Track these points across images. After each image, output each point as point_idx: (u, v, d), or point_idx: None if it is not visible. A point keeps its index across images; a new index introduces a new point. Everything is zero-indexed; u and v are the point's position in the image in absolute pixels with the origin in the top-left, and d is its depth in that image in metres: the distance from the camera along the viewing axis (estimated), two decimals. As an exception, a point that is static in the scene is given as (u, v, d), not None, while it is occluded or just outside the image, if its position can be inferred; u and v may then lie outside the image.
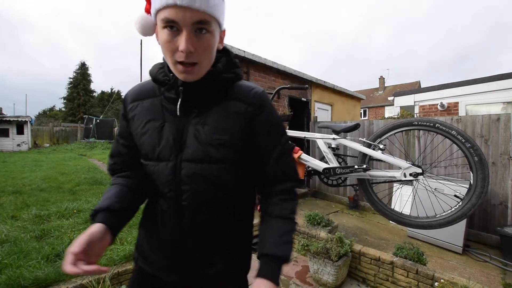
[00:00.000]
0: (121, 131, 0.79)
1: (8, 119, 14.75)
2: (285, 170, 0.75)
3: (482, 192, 1.36)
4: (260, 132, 0.71)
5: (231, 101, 0.70)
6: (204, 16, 0.58)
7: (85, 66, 32.82)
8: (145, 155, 0.72)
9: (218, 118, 0.69)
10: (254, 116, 0.70)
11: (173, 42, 0.59)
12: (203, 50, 0.61)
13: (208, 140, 0.67)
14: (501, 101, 5.01)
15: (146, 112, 0.72)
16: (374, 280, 2.30)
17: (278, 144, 0.74)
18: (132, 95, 0.76)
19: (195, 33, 0.59)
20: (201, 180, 0.68)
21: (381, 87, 24.63)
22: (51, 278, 1.82)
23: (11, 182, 5.43)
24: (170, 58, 0.61)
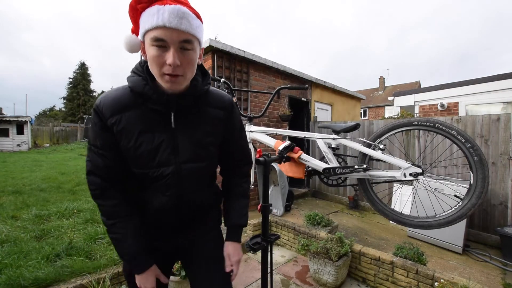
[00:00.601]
0: (104, 144, 0.77)
1: (8, 119, 14.75)
2: (246, 157, 1.02)
3: (482, 192, 1.36)
4: (232, 130, 0.94)
5: (210, 108, 0.87)
6: (188, 36, 0.69)
7: (84, 66, 32.81)
8: (143, 165, 0.79)
9: (203, 124, 0.85)
10: (228, 118, 0.91)
11: (161, 57, 0.68)
12: (187, 64, 0.72)
13: (199, 143, 0.84)
14: (501, 101, 5.01)
15: (134, 125, 0.76)
16: (374, 280, 2.30)
17: (241, 138, 0.99)
18: (110, 107, 0.75)
19: (180, 50, 0.69)
20: (198, 174, 0.87)
21: (381, 87, 24.63)
22: (51, 278, 1.81)
23: (11, 182, 5.43)
24: (158, 71, 0.70)
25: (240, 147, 0.99)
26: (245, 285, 2.27)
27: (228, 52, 3.91)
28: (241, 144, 1.00)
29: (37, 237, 2.62)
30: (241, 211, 0.98)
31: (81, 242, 2.45)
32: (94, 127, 0.77)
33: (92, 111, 0.77)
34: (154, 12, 0.66)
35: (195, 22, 0.70)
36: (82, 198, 4.27)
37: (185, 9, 0.68)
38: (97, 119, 0.76)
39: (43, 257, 2.11)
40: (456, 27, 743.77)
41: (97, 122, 0.76)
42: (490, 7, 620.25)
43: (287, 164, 1.76)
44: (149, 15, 0.67)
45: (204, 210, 0.97)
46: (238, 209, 0.98)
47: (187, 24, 0.68)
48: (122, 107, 0.76)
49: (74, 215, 3.34)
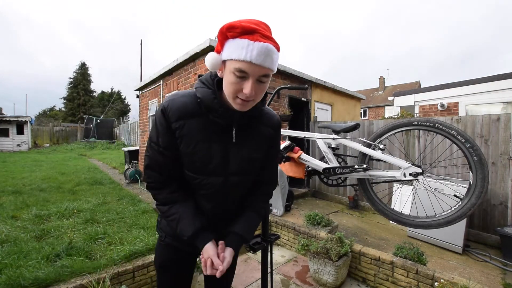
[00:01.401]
0: (166, 143, 0.83)
1: (8, 119, 14.75)
2: (274, 177, 1.07)
3: (481, 192, 1.36)
4: (273, 148, 1.00)
5: (263, 126, 0.94)
6: (268, 71, 0.74)
7: (85, 66, 32.83)
8: (196, 170, 0.86)
9: (254, 140, 0.92)
10: (274, 137, 0.98)
11: (239, 85, 0.74)
12: (259, 93, 0.78)
13: (248, 158, 0.91)
14: (501, 101, 5.01)
15: (195, 132, 0.83)
16: (374, 280, 2.30)
17: (276, 158, 1.05)
18: (177, 112, 0.81)
19: (257, 82, 0.75)
20: (241, 187, 0.94)
21: (381, 87, 24.62)
22: (51, 278, 1.81)
23: (11, 182, 5.43)
24: (232, 94, 0.76)
25: (272, 167, 1.05)
26: (245, 285, 2.27)
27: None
28: (274, 164, 1.05)
29: (37, 237, 2.62)
30: (249, 226, 0.97)
31: (81, 242, 2.45)
32: (159, 127, 0.83)
33: (159, 112, 0.82)
34: (244, 45, 0.69)
35: (275, 57, 0.75)
36: (82, 198, 4.27)
37: (271, 47, 0.71)
38: (163, 121, 0.82)
39: (43, 257, 2.11)
40: (460, 27, 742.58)
41: (163, 123, 0.82)
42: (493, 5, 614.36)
43: (287, 164, 1.76)
44: (238, 47, 0.70)
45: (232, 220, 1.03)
46: (247, 223, 0.97)
47: (270, 61, 0.72)
48: (188, 114, 0.82)
49: (74, 215, 3.34)
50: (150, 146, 0.86)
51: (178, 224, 0.86)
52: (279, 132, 1.01)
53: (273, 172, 1.05)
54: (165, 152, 0.84)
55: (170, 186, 0.88)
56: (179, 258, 1.03)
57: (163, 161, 0.85)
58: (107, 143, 17.05)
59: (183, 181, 0.90)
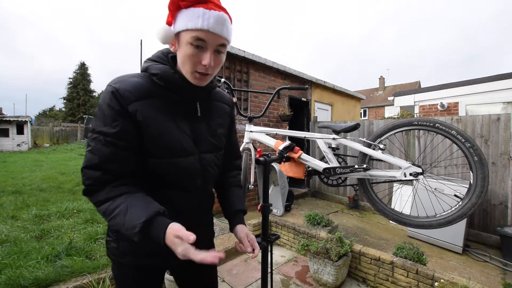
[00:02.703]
0: (118, 131, 0.67)
1: (8, 119, 14.75)
2: (238, 151, 1.10)
3: (482, 191, 1.36)
4: (232, 124, 1.02)
5: (218, 102, 0.94)
6: (224, 41, 0.73)
7: (84, 66, 32.82)
8: (167, 154, 0.75)
9: (216, 117, 0.91)
10: (231, 113, 1.00)
11: (197, 56, 0.71)
12: (217, 65, 0.76)
13: (215, 134, 0.89)
14: (501, 101, 5.01)
15: (159, 113, 0.74)
16: (374, 280, 2.30)
17: (235, 132, 1.07)
18: (131, 92, 0.70)
19: (215, 53, 0.73)
20: (214, 165, 0.89)
21: (381, 87, 24.63)
22: (51, 278, 1.81)
23: (11, 182, 5.43)
24: (190, 67, 0.73)
25: (234, 142, 1.07)
26: (245, 285, 2.27)
27: (228, 52, 3.89)
28: (235, 138, 1.07)
29: (37, 237, 2.62)
30: (240, 199, 1.03)
31: (81, 242, 2.45)
32: (109, 112, 0.67)
33: (109, 94, 0.68)
34: (199, 14, 0.68)
35: (230, 27, 0.75)
36: (82, 198, 4.26)
37: (226, 16, 0.72)
38: (115, 103, 0.67)
39: (43, 257, 2.11)
40: (463, 25, 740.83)
41: (114, 107, 0.67)
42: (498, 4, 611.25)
43: (287, 164, 1.76)
44: (194, 16, 0.68)
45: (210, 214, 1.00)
46: (238, 197, 1.02)
47: (226, 31, 0.72)
48: (145, 94, 0.72)
49: (74, 215, 3.34)
50: (93, 139, 0.68)
51: (125, 217, 0.63)
52: (233, 108, 1.02)
53: (236, 146, 1.08)
54: (115, 141, 0.67)
55: (115, 182, 0.69)
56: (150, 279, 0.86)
57: (111, 154, 0.67)
58: (107, 143, 17.03)
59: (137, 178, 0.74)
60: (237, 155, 1.10)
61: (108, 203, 0.67)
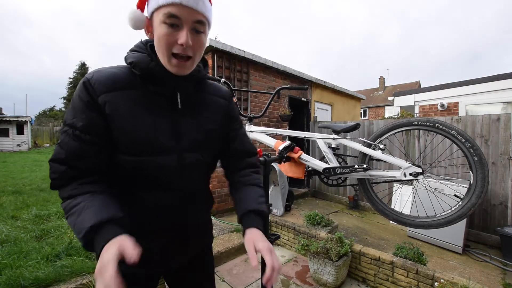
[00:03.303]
0: (86, 124, 0.63)
1: (8, 119, 14.76)
2: (250, 147, 0.93)
3: (482, 191, 1.36)
4: (233, 120, 0.89)
5: (210, 95, 0.83)
6: (202, 17, 0.67)
7: (85, 66, 32.80)
8: (141, 151, 0.68)
9: (205, 110, 0.80)
10: (228, 107, 0.87)
11: (172, 36, 0.65)
12: (198, 47, 0.69)
13: (202, 129, 0.78)
14: (501, 101, 5.01)
15: (132, 106, 0.67)
16: (374, 280, 2.30)
17: (241, 127, 0.93)
18: (103, 83, 0.65)
19: (192, 32, 0.66)
20: (198, 165, 0.78)
21: (381, 87, 24.63)
22: (51, 278, 1.81)
23: (11, 182, 5.43)
24: (166, 50, 0.66)
25: (241, 139, 0.91)
26: (245, 285, 2.27)
27: (228, 52, 3.91)
28: (243, 134, 0.92)
29: (37, 237, 2.62)
30: (258, 198, 0.82)
31: (81, 242, 2.45)
32: (78, 103, 0.64)
33: (80, 85, 0.64)
34: None
35: (208, 5, 0.69)
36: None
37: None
38: (85, 95, 0.63)
39: (43, 257, 2.11)
40: (468, 24, 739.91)
41: (83, 98, 0.63)
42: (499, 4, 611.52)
43: (287, 164, 1.76)
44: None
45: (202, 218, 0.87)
46: (253, 196, 0.83)
47: (202, 5, 0.66)
48: (120, 85, 0.67)
49: (74, 215, 3.34)
50: (63, 132, 0.65)
51: (77, 218, 0.58)
52: (232, 103, 0.90)
53: (246, 143, 0.92)
54: (82, 136, 0.63)
55: (82, 179, 0.65)
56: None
57: (78, 149, 0.63)
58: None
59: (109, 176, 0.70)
60: (249, 152, 0.92)
61: (69, 200, 0.63)
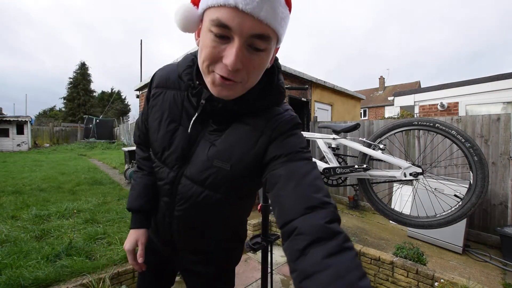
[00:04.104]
0: (143, 111, 0.79)
1: (8, 119, 14.75)
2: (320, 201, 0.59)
3: (482, 191, 1.36)
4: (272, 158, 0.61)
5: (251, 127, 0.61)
6: (266, 30, 0.46)
7: (85, 66, 32.84)
8: (155, 153, 0.73)
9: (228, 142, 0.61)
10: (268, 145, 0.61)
11: (218, 49, 0.48)
12: (252, 70, 0.50)
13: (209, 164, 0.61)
14: (501, 101, 5.01)
15: (166, 107, 0.68)
16: (374, 280, 2.30)
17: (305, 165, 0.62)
18: (159, 78, 0.71)
19: (248, 48, 0.48)
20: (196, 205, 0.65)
21: (381, 87, 24.63)
22: (51, 278, 1.81)
23: (11, 182, 5.43)
24: (207, 66, 0.51)
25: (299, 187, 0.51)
26: (245, 285, 2.27)
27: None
28: (311, 185, 0.51)
29: (37, 237, 2.62)
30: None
31: (81, 242, 2.45)
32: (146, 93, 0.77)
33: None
34: None
35: (282, 11, 0.47)
36: (82, 198, 4.26)
37: None
38: (150, 84, 0.75)
39: (43, 257, 2.11)
40: (471, 24, 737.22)
41: (148, 89, 0.76)
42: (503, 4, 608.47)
43: (287, 164, 1.76)
44: None
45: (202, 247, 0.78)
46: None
47: (269, 11, 0.44)
48: (168, 84, 0.69)
49: (74, 215, 3.34)
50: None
51: (130, 193, 0.82)
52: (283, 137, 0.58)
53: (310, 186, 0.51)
54: (141, 118, 0.81)
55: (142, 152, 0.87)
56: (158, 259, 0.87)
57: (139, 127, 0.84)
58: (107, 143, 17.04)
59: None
60: (317, 208, 0.48)
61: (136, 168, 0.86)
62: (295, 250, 0.43)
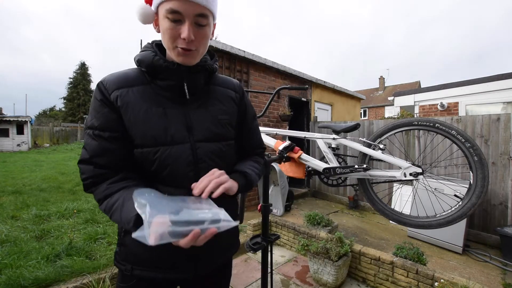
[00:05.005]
0: (102, 121, 0.67)
1: (8, 119, 14.76)
2: (258, 142, 0.96)
3: (482, 191, 1.36)
4: (245, 114, 0.89)
5: (221, 87, 0.84)
6: (204, 10, 0.66)
7: (85, 66, 32.84)
8: (154, 141, 0.69)
9: (216, 101, 0.81)
10: (240, 100, 0.88)
11: (175, 30, 0.66)
12: (201, 39, 0.69)
13: (215, 120, 0.78)
14: (501, 101, 5.01)
15: (142, 99, 0.70)
16: (374, 280, 2.30)
17: (253, 121, 0.94)
18: (115, 82, 0.70)
19: (195, 25, 0.67)
20: (214, 156, 0.77)
21: (381, 87, 24.63)
22: (51, 278, 1.81)
23: (11, 182, 5.43)
24: (171, 43, 0.67)
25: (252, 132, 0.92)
26: (245, 285, 2.27)
27: (228, 52, 3.91)
28: (253, 129, 0.93)
29: (37, 237, 2.62)
30: (248, 165, 0.86)
31: (81, 242, 2.45)
32: (94, 104, 0.69)
33: (95, 88, 0.71)
34: None
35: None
36: (82, 198, 4.26)
37: None
38: (99, 94, 0.69)
39: (43, 257, 2.11)
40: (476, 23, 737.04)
41: (97, 97, 0.68)
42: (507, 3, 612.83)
43: (287, 164, 1.76)
44: None
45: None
46: (248, 164, 0.87)
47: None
48: (130, 82, 0.71)
49: (74, 215, 3.34)
50: (86, 134, 0.69)
51: (121, 213, 0.62)
52: (244, 96, 0.90)
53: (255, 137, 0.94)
54: (101, 133, 0.67)
55: (111, 179, 0.68)
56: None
57: (99, 147, 0.67)
58: (107, 143, 17.05)
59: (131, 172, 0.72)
60: (256, 146, 0.95)
61: (107, 200, 0.66)
62: None
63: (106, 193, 0.66)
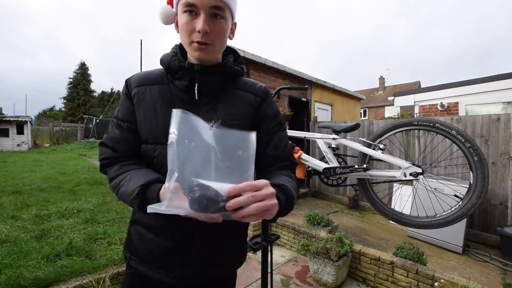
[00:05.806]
0: (124, 113, 0.75)
1: (8, 119, 14.75)
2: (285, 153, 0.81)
3: (482, 191, 1.36)
4: (264, 119, 0.80)
5: (241, 91, 0.80)
6: (219, 2, 0.66)
7: (85, 66, 32.86)
8: (158, 138, 0.71)
9: (228, 106, 0.76)
10: (259, 104, 0.80)
11: (191, 24, 0.67)
12: (217, 33, 0.69)
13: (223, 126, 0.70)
14: (501, 101, 5.01)
15: (156, 98, 0.74)
16: (374, 280, 2.30)
17: (280, 129, 0.83)
18: (137, 79, 0.77)
19: (211, 17, 0.67)
20: None
21: (381, 87, 24.64)
22: (51, 278, 1.81)
23: (11, 182, 5.43)
24: (187, 38, 0.69)
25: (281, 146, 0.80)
26: (245, 285, 2.27)
27: (228, 52, 3.90)
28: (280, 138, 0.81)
29: (37, 237, 2.62)
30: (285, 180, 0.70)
31: (81, 242, 2.45)
32: (121, 97, 0.78)
33: (124, 84, 0.78)
34: None
35: None
36: (82, 198, 4.26)
37: None
38: (125, 89, 0.77)
39: (43, 257, 2.11)
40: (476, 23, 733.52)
41: (123, 91, 0.77)
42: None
43: (287, 164, 1.76)
44: None
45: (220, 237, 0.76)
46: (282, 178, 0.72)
47: None
48: (150, 81, 0.76)
49: (74, 215, 3.34)
50: (111, 122, 0.79)
51: (127, 185, 0.65)
52: (267, 99, 0.82)
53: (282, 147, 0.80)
54: (121, 123, 0.75)
55: (124, 162, 0.74)
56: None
57: (120, 135, 0.75)
58: (107, 143, 17.05)
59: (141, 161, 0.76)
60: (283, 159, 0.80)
61: (118, 177, 0.71)
62: None
63: (119, 172, 0.72)
